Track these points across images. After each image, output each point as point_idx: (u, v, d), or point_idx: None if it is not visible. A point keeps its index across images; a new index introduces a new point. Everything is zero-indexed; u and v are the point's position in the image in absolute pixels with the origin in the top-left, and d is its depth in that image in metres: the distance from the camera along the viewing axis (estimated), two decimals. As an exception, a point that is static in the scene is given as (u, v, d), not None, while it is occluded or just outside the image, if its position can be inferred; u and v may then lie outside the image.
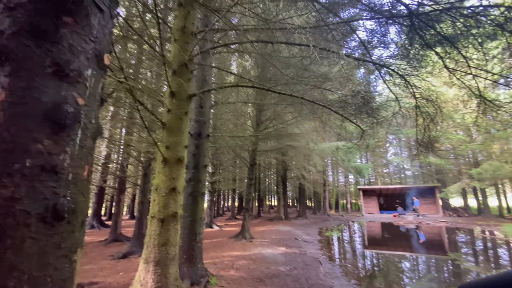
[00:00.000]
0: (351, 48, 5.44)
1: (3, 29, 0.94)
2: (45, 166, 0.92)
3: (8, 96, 0.89)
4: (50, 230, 0.93)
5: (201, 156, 5.08)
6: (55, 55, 0.99)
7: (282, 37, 3.69)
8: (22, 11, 0.96)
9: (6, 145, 0.86)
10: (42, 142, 0.93)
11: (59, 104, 0.97)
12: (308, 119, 7.79)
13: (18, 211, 0.85)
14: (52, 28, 0.99)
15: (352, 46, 5.57)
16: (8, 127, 0.87)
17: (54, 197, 0.94)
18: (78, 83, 1.06)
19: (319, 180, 24.69)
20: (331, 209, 34.26)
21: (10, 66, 0.91)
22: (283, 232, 13.39)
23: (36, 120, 0.92)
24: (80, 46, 1.08)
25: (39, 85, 0.94)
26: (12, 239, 0.84)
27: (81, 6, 1.07)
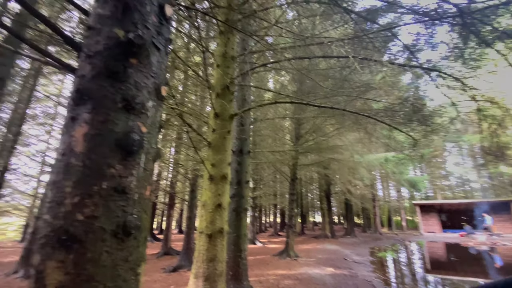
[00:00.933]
0: (393, 54, 5.17)
1: (85, 74, 1.14)
2: (117, 188, 1.06)
3: (89, 129, 1.06)
4: (120, 245, 1.05)
5: (243, 172, 5.20)
6: (124, 92, 1.16)
7: (319, 51, 3.70)
8: (99, 57, 1.16)
9: (88, 170, 1.02)
10: (115, 167, 1.07)
11: (128, 133, 1.12)
12: (351, 130, 7.46)
13: (97, 228, 0.99)
14: (122, 69, 1.17)
15: (395, 51, 5.29)
16: (89, 155, 1.04)
17: (124, 215, 1.07)
18: (142, 114, 1.22)
19: (367, 195, 22.96)
20: (383, 227, 31.31)
21: (91, 104, 1.09)
22: (330, 251, 12.62)
23: (110, 148, 1.07)
24: (143, 82, 1.24)
25: (113, 118, 1.11)
26: (91, 252, 0.97)
27: (143, 48, 1.24)
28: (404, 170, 16.90)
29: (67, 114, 1.13)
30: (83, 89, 1.11)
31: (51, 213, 0.98)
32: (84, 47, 1.20)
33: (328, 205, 19.35)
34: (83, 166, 1.02)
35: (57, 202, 0.99)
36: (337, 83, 5.46)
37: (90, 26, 1.23)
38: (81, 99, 1.10)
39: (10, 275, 7.25)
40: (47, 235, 0.96)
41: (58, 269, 0.92)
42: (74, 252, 0.94)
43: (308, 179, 24.39)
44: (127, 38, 1.18)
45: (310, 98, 5.86)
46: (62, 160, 1.04)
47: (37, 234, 0.99)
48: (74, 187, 1.00)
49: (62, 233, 0.94)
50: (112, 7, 1.22)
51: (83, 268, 0.94)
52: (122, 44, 1.18)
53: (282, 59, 4.05)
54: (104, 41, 1.18)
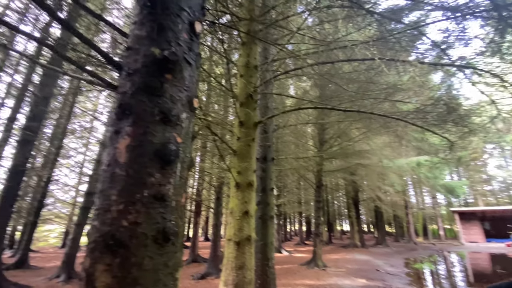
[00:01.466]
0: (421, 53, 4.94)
1: (126, 90, 1.24)
2: (157, 195, 1.13)
3: (131, 141, 1.15)
4: (160, 250, 1.10)
5: (268, 179, 5.20)
6: (161, 105, 1.24)
7: (342, 55, 3.65)
8: (138, 74, 1.26)
9: (131, 179, 1.10)
10: (154, 176, 1.14)
11: (165, 144, 1.19)
12: (379, 134, 7.18)
13: (140, 234, 1.05)
14: (159, 84, 1.26)
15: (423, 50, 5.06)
16: (132, 165, 1.12)
17: (163, 221, 1.13)
18: (177, 125, 1.29)
19: (399, 202, 21.70)
20: (418, 236, 29.23)
21: (132, 118, 1.18)
22: (361, 262, 12.03)
23: (150, 158, 1.15)
24: (177, 95, 1.32)
25: (152, 130, 1.18)
26: (135, 257, 1.03)
27: (177, 64, 1.32)
28: (439, 174, 15.78)
29: (111, 128, 1.22)
30: (125, 104, 1.20)
31: (99, 220, 1.06)
32: (124, 66, 1.31)
33: (356, 212, 18.57)
34: (126, 176, 1.10)
35: (104, 209, 1.07)
36: (362, 86, 5.32)
37: (129, 46, 1.35)
38: (123, 113, 1.20)
39: (53, 279, 7.82)
40: (96, 240, 1.04)
41: (106, 272, 0.99)
42: (120, 256, 1.01)
43: (334, 186, 23.69)
44: (163, 56, 1.27)
45: (333, 102, 5.75)
46: (108, 170, 1.13)
47: (88, 239, 1.07)
48: (119, 195, 1.07)
49: (109, 238, 1.01)
50: (149, 28, 1.32)
51: (128, 271, 1.00)
52: (158, 61, 1.27)
53: (304, 65, 4.05)
54: (142, 59, 1.27)
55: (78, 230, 8.31)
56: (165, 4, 1.37)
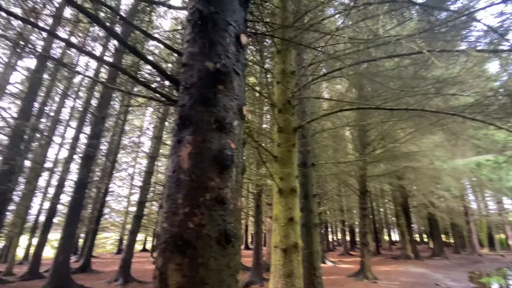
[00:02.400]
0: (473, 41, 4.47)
1: (185, 103, 1.35)
2: (218, 199, 1.19)
3: (192, 149, 1.24)
4: (223, 252, 1.15)
5: (309, 185, 5.08)
6: (216, 114, 1.32)
7: (384, 52, 3.47)
8: (194, 88, 1.36)
9: (194, 184, 1.18)
10: (214, 180, 1.21)
11: (222, 150, 1.26)
12: (429, 133, 6.58)
13: (205, 235, 1.12)
14: (213, 95, 1.34)
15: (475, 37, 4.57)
16: (194, 171, 1.20)
17: (224, 223, 1.18)
18: (230, 132, 1.36)
19: (456, 208, 19.38)
20: (482, 246, 25.63)
21: (192, 128, 1.28)
22: (416, 275, 10.93)
23: (209, 163, 1.22)
24: (229, 104, 1.40)
25: (209, 138, 1.26)
26: (202, 257, 1.09)
27: (227, 75, 1.40)
28: (505, 175, 13.74)
29: (173, 138, 1.34)
30: (185, 115, 1.31)
31: (168, 222, 1.16)
32: (181, 81, 1.43)
33: (406, 221, 17.04)
34: (190, 180, 1.18)
35: (172, 212, 1.16)
36: (405, 82, 4.97)
37: (184, 63, 1.47)
38: (183, 124, 1.30)
39: (112, 282, 8.54)
40: (166, 241, 1.13)
41: (177, 271, 1.07)
42: (189, 256, 1.08)
43: (379, 192, 22.14)
44: (215, 68, 1.36)
45: (373, 103, 5.46)
46: (173, 176, 1.23)
47: (159, 239, 1.17)
48: (184, 199, 1.16)
49: (178, 239, 1.10)
50: (201, 44, 1.43)
51: (196, 271, 1.07)
52: (211, 74, 1.36)
53: (344, 66, 3.95)
54: (197, 74, 1.38)
55: (132, 237, 9.03)
56: (214, 20, 1.47)
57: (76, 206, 6.93)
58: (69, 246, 6.92)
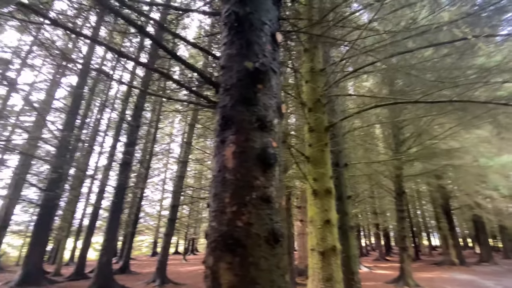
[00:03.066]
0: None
1: (226, 104, 1.37)
2: (263, 197, 1.18)
3: (236, 148, 1.25)
4: (272, 251, 1.13)
5: (343, 186, 4.90)
6: (257, 113, 1.32)
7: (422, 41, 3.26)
8: (234, 88, 1.38)
9: (240, 183, 1.18)
10: (259, 179, 1.20)
11: (265, 148, 1.25)
12: (472, 127, 6.03)
13: (254, 234, 1.11)
14: (253, 95, 1.35)
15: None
16: (239, 170, 1.20)
17: (271, 222, 1.17)
18: (271, 131, 1.35)
19: (505, 209, 17.47)
20: (541, 252, 22.71)
21: (235, 127, 1.29)
22: (463, 282, 10.00)
23: (253, 162, 1.22)
24: (268, 103, 1.39)
25: (252, 137, 1.26)
26: (252, 257, 1.08)
27: (266, 74, 1.40)
28: None
29: (216, 139, 1.36)
30: (227, 116, 1.32)
31: (216, 220, 1.17)
32: (221, 83, 1.45)
33: (449, 224, 15.72)
34: (235, 179, 1.18)
35: (220, 211, 1.17)
36: (443, 74, 4.61)
37: (223, 65, 1.49)
38: (226, 124, 1.32)
39: (150, 283, 8.92)
40: (216, 240, 1.13)
41: (228, 271, 1.07)
42: (239, 255, 1.07)
43: (415, 193, 20.72)
44: (254, 68, 1.36)
45: (407, 98, 5.14)
46: (219, 175, 1.24)
47: (208, 238, 1.18)
48: (231, 198, 1.16)
49: (228, 238, 1.10)
50: (238, 45, 1.45)
51: (247, 270, 1.06)
52: (250, 74, 1.37)
53: (377, 59, 3.77)
54: (236, 75, 1.39)
55: (167, 239, 9.39)
56: (250, 21, 1.48)
57: (116, 210, 7.40)
58: (111, 248, 7.38)
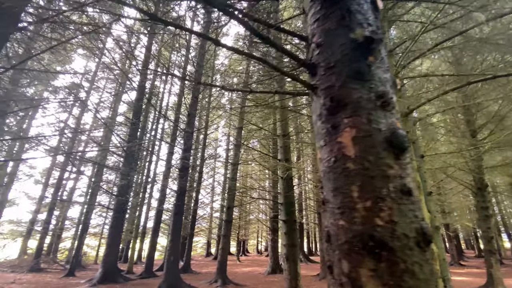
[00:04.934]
0: None
1: (332, 84, 1.18)
2: (403, 189, 0.96)
3: (357, 132, 1.05)
4: (423, 256, 0.91)
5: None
6: (375, 90, 1.10)
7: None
8: (341, 65, 1.18)
9: (370, 172, 0.98)
10: (393, 167, 0.99)
11: (394, 130, 1.04)
12: None
13: (401, 234, 0.90)
14: (367, 69, 1.14)
15: None
16: (366, 157, 1.00)
17: (416, 220, 0.94)
18: (393, 109, 1.12)
19: None
20: None
21: (350, 109, 1.09)
22: None
23: (383, 147, 1.00)
24: (383, 77, 1.16)
25: (375, 117, 1.05)
26: (404, 263, 0.87)
27: (376, 44, 1.18)
28: None
29: (323, 125, 1.18)
30: (337, 96, 1.14)
31: (345, 219, 0.98)
32: (320, 62, 1.28)
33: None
34: (363, 169, 0.99)
35: (348, 207, 0.98)
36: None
37: (318, 43, 1.32)
38: (336, 107, 1.13)
39: (212, 283, 9.22)
40: (349, 241, 0.95)
41: (373, 279, 0.87)
42: (385, 260, 0.87)
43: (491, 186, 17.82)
44: (365, 37, 1.15)
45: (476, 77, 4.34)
46: (337, 166, 1.06)
47: (333, 239, 1.00)
48: (361, 191, 0.97)
49: (368, 239, 0.90)
50: (338, 17, 1.25)
51: (402, 279, 0.85)
52: (360, 45, 1.16)
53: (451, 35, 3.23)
54: (340, 49, 1.20)
55: (225, 240, 9.63)
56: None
57: (178, 212, 7.84)
58: (177, 248, 7.82)
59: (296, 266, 4.50)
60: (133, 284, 9.41)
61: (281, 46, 1.29)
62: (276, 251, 12.91)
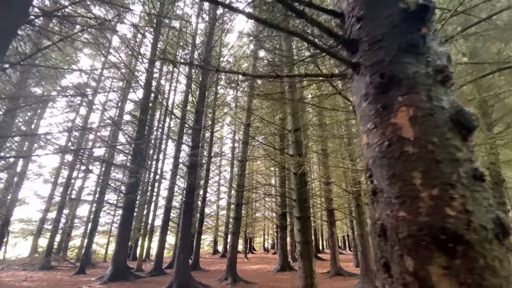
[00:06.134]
0: None
1: (381, 58, 1.06)
2: (475, 175, 0.83)
3: (415, 112, 0.92)
4: (502, 250, 0.79)
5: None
6: (433, 64, 0.97)
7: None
8: (389, 38, 1.05)
9: (435, 156, 0.85)
10: (461, 149, 0.86)
11: (460, 108, 0.91)
12: None
13: (477, 226, 0.78)
14: (421, 41, 1.01)
15: None
16: (428, 139, 0.87)
17: (490, 209, 0.82)
18: (452, 85, 0.99)
19: None
20: None
21: (405, 86, 0.97)
22: None
23: (448, 128, 0.88)
24: (439, 50, 1.03)
25: (436, 95, 0.93)
26: (483, 258, 0.75)
27: (429, 13, 1.05)
28: None
29: (370, 106, 1.06)
30: (388, 73, 1.01)
31: (406, 209, 0.86)
32: (362, 38, 1.15)
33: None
34: (426, 152, 0.86)
35: (409, 196, 0.86)
36: None
37: (359, 17, 1.19)
38: (388, 84, 1.00)
39: (222, 280, 9.18)
40: (413, 235, 0.83)
41: (447, 278, 0.75)
42: (461, 256, 0.75)
43: (504, 183, 17.38)
44: (418, 5, 1.02)
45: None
46: (391, 151, 0.93)
47: (395, 233, 0.88)
48: (425, 177, 0.84)
49: (439, 232, 0.78)
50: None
51: (482, 278, 0.73)
52: (411, 15, 1.03)
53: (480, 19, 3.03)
54: (387, 21, 1.07)
55: (234, 237, 9.57)
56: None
57: (187, 210, 7.79)
58: (187, 245, 7.78)
59: (311, 264, 4.40)
60: (144, 282, 9.42)
61: (317, 21, 1.17)
62: (285, 248, 12.82)
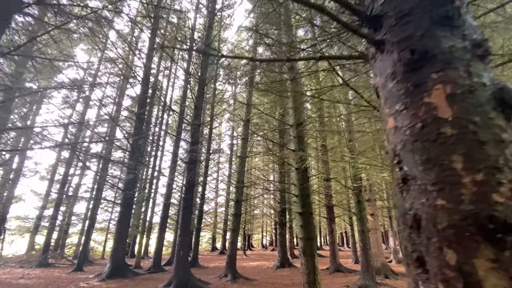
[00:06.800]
0: None
1: (411, 33, 0.96)
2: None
3: (452, 89, 0.83)
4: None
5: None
6: (469, 38, 0.89)
7: None
8: (419, 11, 0.95)
9: (477, 137, 0.77)
10: (506, 130, 0.77)
11: (502, 85, 0.82)
12: None
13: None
14: (456, 13, 0.92)
15: None
16: (470, 119, 0.79)
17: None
18: (489, 62, 0.91)
19: None
20: None
21: (440, 61, 0.87)
22: None
23: (491, 106, 0.79)
24: (474, 24, 0.95)
25: (475, 70, 0.84)
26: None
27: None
28: None
29: (399, 85, 0.96)
30: (419, 48, 0.92)
31: (444, 197, 0.77)
32: (387, 12, 1.06)
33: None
34: (468, 134, 0.78)
35: (449, 183, 0.77)
36: None
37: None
38: (419, 60, 0.91)
39: (222, 277, 9.13)
40: (454, 224, 0.74)
41: (496, 272, 0.66)
42: (510, 247, 0.67)
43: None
44: (453, -26, 0.93)
45: None
46: (427, 133, 0.84)
47: (432, 224, 0.79)
48: (467, 161, 0.76)
49: (486, 221, 0.70)
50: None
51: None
52: (444, -15, 0.94)
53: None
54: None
55: (234, 234, 9.51)
56: None
57: (187, 206, 7.71)
58: (186, 242, 7.70)
59: (313, 260, 4.33)
60: (143, 279, 9.35)
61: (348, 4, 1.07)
62: (284, 245, 12.80)
